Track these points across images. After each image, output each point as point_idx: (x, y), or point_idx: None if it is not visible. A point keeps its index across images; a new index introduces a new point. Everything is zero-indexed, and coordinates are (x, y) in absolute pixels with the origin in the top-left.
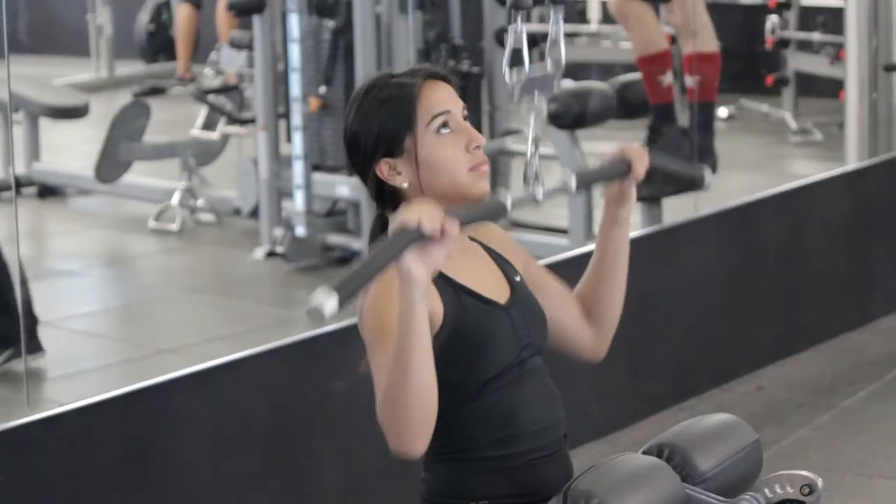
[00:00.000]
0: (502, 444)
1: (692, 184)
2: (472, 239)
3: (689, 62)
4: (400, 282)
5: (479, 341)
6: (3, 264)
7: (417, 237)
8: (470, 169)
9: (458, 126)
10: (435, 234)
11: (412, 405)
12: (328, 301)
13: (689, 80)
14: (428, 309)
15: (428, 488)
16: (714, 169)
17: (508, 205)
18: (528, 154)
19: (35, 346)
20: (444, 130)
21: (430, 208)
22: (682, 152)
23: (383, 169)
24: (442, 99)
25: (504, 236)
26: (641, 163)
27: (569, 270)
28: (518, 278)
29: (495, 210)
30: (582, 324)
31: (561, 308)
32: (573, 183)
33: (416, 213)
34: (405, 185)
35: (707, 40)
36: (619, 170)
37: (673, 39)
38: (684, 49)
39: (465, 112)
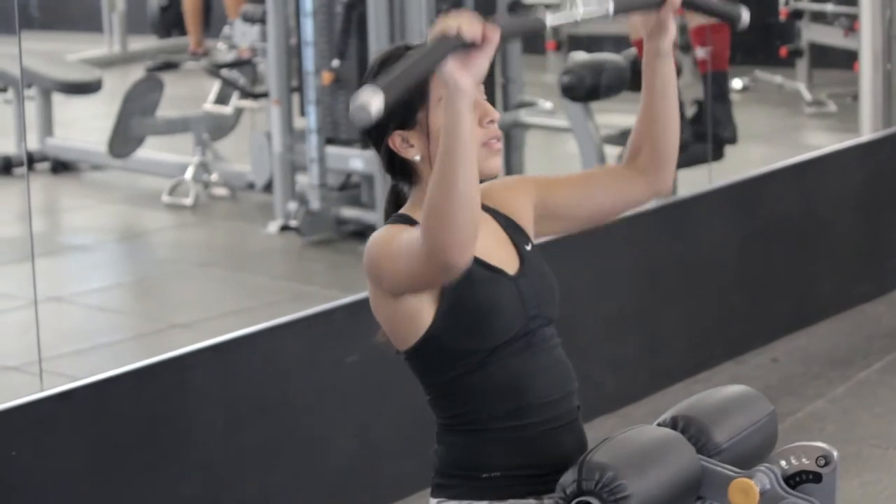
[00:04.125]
0: (514, 416)
1: (730, 20)
2: (483, 208)
3: (698, 34)
4: (446, 92)
5: (483, 310)
6: None
7: (458, 45)
8: (483, 144)
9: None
10: (476, 41)
11: (458, 212)
12: (374, 99)
13: (701, 52)
14: None
15: (441, 460)
16: (734, 139)
17: (548, 22)
18: None
19: None
20: None
21: (469, 15)
22: (684, 132)
23: (396, 140)
24: None
25: (510, 187)
26: None
27: (569, 250)
28: (529, 247)
29: (535, 26)
30: (625, 180)
31: (592, 187)
32: (611, 6)
33: (455, 20)
34: (417, 157)
35: None
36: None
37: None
38: (692, 22)
39: (482, 86)
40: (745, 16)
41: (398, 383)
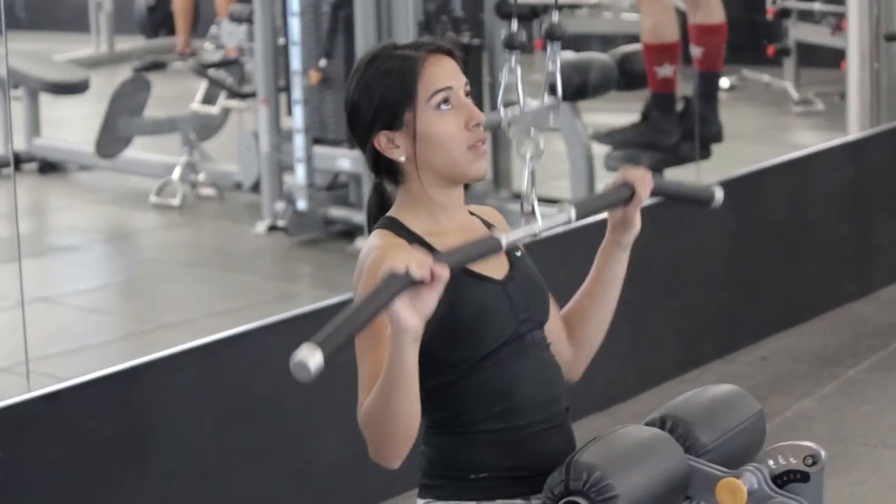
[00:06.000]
0: (502, 418)
1: (703, 204)
2: (473, 213)
3: (694, 33)
4: (391, 329)
5: (474, 318)
6: None
7: (407, 283)
8: (468, 147)
9: (459, 102)
10: (425, 279)
11: (394, 433)
12: (313, 357)
13: (695, 51)
14: None
15: (428, 461)
16: (720, 138)
17: (503, 243)
18: (525, 187)
19: None
20: (444, 107)
21: (419, 253)
22: (673, 140)
23: (381, 141)
24: (444, 74)
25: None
26: (645, 187)
27: (568, 246)
28: (519, 253)
29: (489, 248)
30: (562, 342)
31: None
32: (573, 214)
33: (404, 260)
34: (402, 158)
35: (713, 11)
36: (621, 196)
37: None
38: (691, 19)
39: (468, 88)
40: (719, 195)
41: None
